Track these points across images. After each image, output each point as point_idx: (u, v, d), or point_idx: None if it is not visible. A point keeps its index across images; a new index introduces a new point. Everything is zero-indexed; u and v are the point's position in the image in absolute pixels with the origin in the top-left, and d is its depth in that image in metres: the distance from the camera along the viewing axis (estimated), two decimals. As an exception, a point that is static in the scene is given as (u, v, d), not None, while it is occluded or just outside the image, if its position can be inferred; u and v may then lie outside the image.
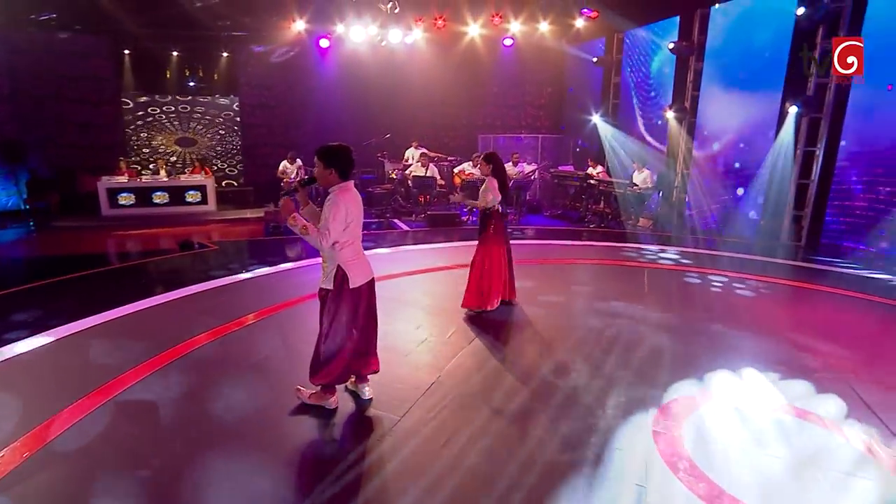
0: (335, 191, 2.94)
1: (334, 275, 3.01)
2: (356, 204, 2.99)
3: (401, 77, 12.55)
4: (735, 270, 6.68)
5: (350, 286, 3.01)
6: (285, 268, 6.64)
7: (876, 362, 4.05)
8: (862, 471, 2.71)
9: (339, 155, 2.94)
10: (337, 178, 2.95)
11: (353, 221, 2.96)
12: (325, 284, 3.07)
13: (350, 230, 2.95)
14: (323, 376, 3.14)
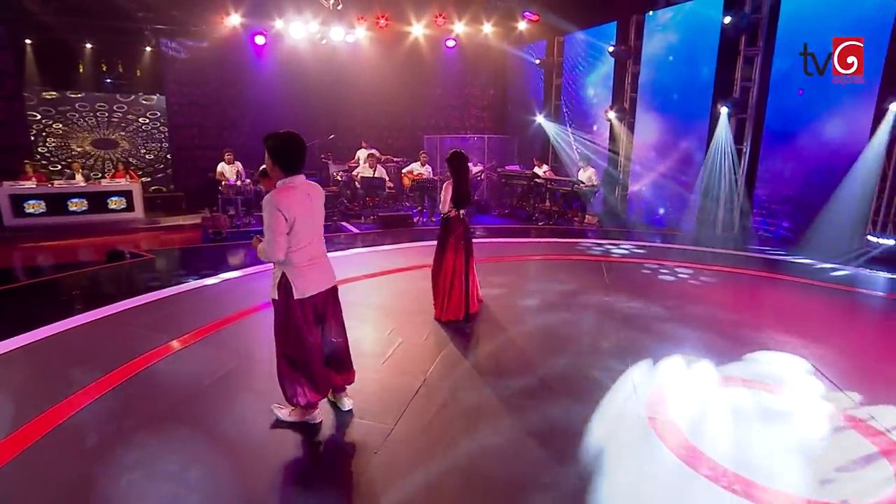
0: (274, 190, 2.58)
1: (278, 283, 2.70)
2: (299, 202, 2.57)
3: (343, 76, 12.19)
4: (684, 261, 7.05)
5: (295, 296, 2.67)
6: (232, 276, 6.17)
7: (823, 338, 4.39)
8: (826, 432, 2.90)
9: (282, 145, 2.58)
10: (280, 172, 2.61)
11: (297, 223, 2.56)
12: (272, 294, 2.77)
13: (295, 234, 2.57)
14: (298, 395, 2.84)
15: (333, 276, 2.90)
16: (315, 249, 2.73)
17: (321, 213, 2.78)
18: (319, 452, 2.79)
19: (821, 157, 7.90)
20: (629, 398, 3.32)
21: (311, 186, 2.72)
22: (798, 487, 2.51)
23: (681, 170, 9.36)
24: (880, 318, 5.40)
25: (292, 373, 2.82)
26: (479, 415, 3.12)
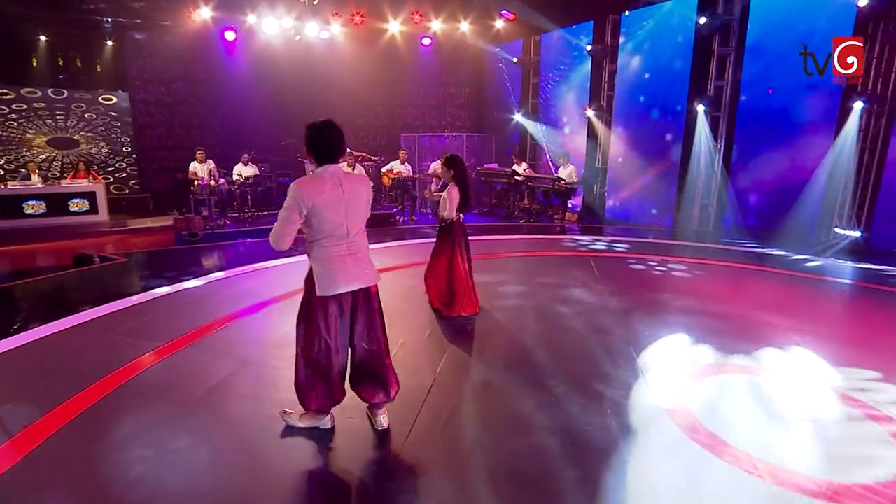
0: (299, 179, 2.48)
1: (306, 276, 2.60)
2: (323, 192, 2.40)
3: (318, 74, 11.89)
4: (668, 255, 7.20)
5: (317, 293, 2.52)
6: (216, 278, 5.88)
7: (810, 324, 4.53)
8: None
9: (314, 134, 2.47)
10: (314, 162, 2.51)
11: (320, 214, 2.41)
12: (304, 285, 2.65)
13: (317, 225, 2.45)
14: (311, 399, 2.69)
15: (370, 275, 2.63)
16: (346, 245, 2.54)
17: (360, 206, 2.56)
18: (338, 462, 2.63)
19: (792, 154, 8.22)
20: (642, 389, 3.32)
21: (348, 177, 2.54)
22: (816, 468, 2.55)
23: (659, 167, 9.56)
24: (856, 304, 5.63)
25: (309, 373, 2.67)
26: (497, 412, 3.05)
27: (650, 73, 9.61)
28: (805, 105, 8.08)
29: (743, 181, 8.79)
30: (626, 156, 10.14)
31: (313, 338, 2.61)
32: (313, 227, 2.47)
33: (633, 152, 9.95)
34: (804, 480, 2.45)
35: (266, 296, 5.10)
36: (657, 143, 9.55)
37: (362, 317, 2.65)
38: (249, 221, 9.83)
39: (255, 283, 5.64)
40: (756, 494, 2.35)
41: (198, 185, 9.03)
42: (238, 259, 6.88)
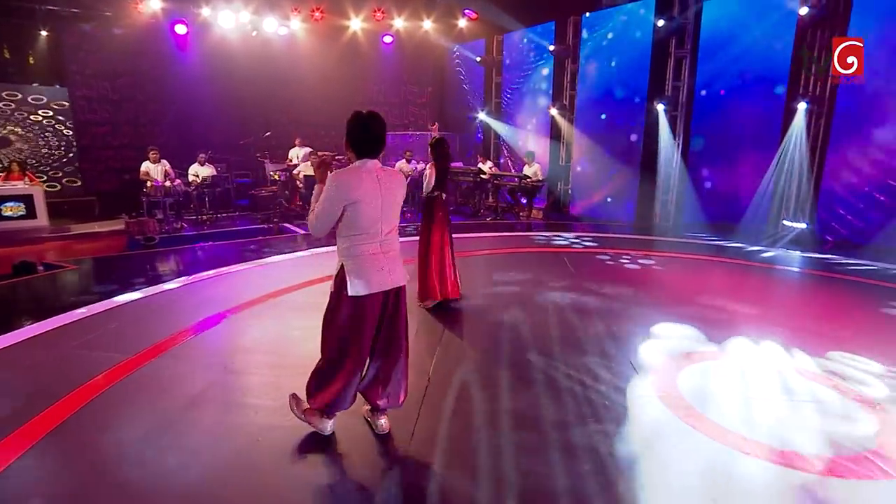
0: (341, 170, 2.37)
1: (336, 273, 2.48)
2: (363, 186, 2.30)
3: (277, 71, 11.51)
4: (634, 248, 7.42)
5: (349, 293, 2.39)
6: (179, 284, 5.54)
7: (773, 309, 4.78)
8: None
9: (355, 126, 2.37)
10: (353, 155, 2.39)
11: (358, 208, 2.31)
12: (331, 285, 2.53)
13: (354, 220, 2.35)
14: (319, 398, 2.57)
15: (402, 275, 2.53)
16: (379, 243, 2.44)
17: (396, 203, 2.48)
18: (350, 469, 2.50)
19: (745, 152, 8.70)
20: (634, 379, 3.38)
21: (386, 173, 2.43)
22: (805, 445, 2.67)
23: (621, 164, 9.87)
24: (811, 289, 5.99)
25: (329, 373, 2.54)
26: (496, 407, 3.01)
27: (611, 73, 9.90)
28: (754, 106, 8.57)
29: (700, 178, 9.21)
30: (590, 154, 10.41)
31: (340, 338, 2.49)
32: (349, 222, 2.36)
33: (596, 150, 10.22)
34: (797, 459, 2.56)
35: (236, 301, 4.85)
36: (619, 141, 9.85)
37: (389, 318, 2.54)
38: (208, 224, 9.36)
39: (223, 288, 5.36)
40: (749, 469, 2.44)
41: (151, 186, 8.50)
42: (201, 263, 6.52)
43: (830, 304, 5.33)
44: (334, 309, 2.48)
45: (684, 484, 2.40)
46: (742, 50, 8.41)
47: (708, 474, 2.45)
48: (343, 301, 2.43)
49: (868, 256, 6.99)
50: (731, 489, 2.35)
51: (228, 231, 8.86)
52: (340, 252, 2.46)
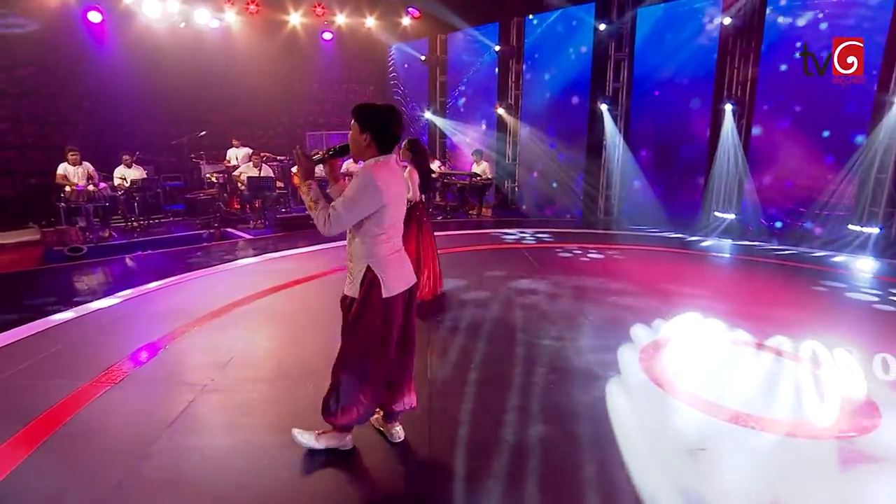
0: (371, 164, 2.23)
1: (362, 278, 2.29)
2: (397, 183, 2.27)
3: (209, 66, 10.75)
4: (588, 243, 7.74)
5: (383, 294, 2.27)
6: (123, 298, 4.99)
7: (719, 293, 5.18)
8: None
9: (379, 116, 2.22)
10: (374, 147, 2.23)
11: (391, 206, 2.23)
12: (349, 291, 2.35)
13: (385, 218, 2.24)
14: (345, 415, 2.38)
15: (413, 271, 2.48)
16: (396, 241, 2.38)
17: (406, 199, 2.50)
18: (382, 484, 2.38)
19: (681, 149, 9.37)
20: (624, 365, 3.52)
21: (401, 171, 2.40)
22: (788, 413, 2.91)
23: (567, 161, 10.26)
24: (751, 273, 6.55)
25: (357, 385, 2.37)
26: (503, 404, 3.00)
27: (555, 73, 10.26)
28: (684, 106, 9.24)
29: (640, 174, 9.79)
30: (536, 151, 10.72)
31: (368, 346, 2.34)
32: (377, 221, 2.22)
33: (542, 148, 10.55)
34: (780, 424, 2.79)
35: (196, 313, 4.47)
36: (564, 139, 10.24)
37: (408, 317, 2.45)
38: (139, 231, 8.57)
39: (178, 300, 4.92)
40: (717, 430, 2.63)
41: (71, 191, 7.62)
42: (143, 274, 5.94)
43: (770, 285, 5.87)
44: (361, 316, 2.30)
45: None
46: (673, 55, 9.05)
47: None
48: (373, 305, 2.29)
49: (788, 242, 7.78)
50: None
51: (166, 238, 8.16)
52: (361, 254, 2.29)
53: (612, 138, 9.49)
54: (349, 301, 2.36)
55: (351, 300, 2.34)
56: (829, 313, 4.88)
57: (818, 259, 6.95)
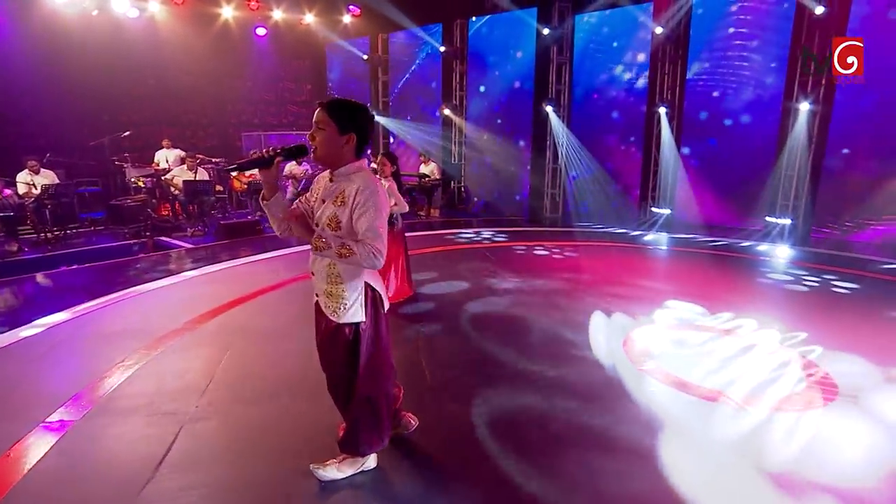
0: (363, 175, 1.99)
1: (364, 299, 2.09)
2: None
3: (129, 60, 9.82)
4: (541, 240, 7.99)
5: (385, 309, 2.19)
6: (51, 323, 4.41)
7: (673, 282, 5.57)
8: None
9: (364, 115, 1.99)
10: (352, 150, 1.99)
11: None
12: (352, 317, 2.08)
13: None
14: (372, 446, 2.27)
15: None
16: None
17: None
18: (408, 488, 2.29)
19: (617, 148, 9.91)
20: (611, 357, 3.67)
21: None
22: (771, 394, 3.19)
23: (512, 161, 10.51)
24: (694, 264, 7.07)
25: (377, 415, 2.23)
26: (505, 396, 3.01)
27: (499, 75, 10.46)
28: (623, 109, 9.81)
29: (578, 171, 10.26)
30: (482, 151, 10.88)
31: (382, 369, 2.21)
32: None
33: (488, 148, 10.73)
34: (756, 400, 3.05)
35: (155, 332, 4.07)
36: (510, 139, 10.48)
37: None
38: (54, 243, 7.63)
39: (130, 319, 4.46)
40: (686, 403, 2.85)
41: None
42: (74, 292, 5.27)
43: (717, 273, 6.38)
44: (374, 337, 2.15)
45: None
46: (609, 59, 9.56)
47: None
48: (381, 322, 2.18)
49: (717, 234, 8.52)
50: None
51: (91, 251, 7.34)
52: (356, 273, 2.05)
53: (558, 138, 9.85)
54: (350, 330, 2.10)
55: (353, 327, 2.10)
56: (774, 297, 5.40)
57: (745, 248, 7.68)
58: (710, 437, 2.76)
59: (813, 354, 3.76)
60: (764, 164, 8.48)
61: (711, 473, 2.46)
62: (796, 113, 7.97)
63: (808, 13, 7.69)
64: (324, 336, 2.17)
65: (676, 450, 2.60)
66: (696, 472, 2.45)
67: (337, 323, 2.09)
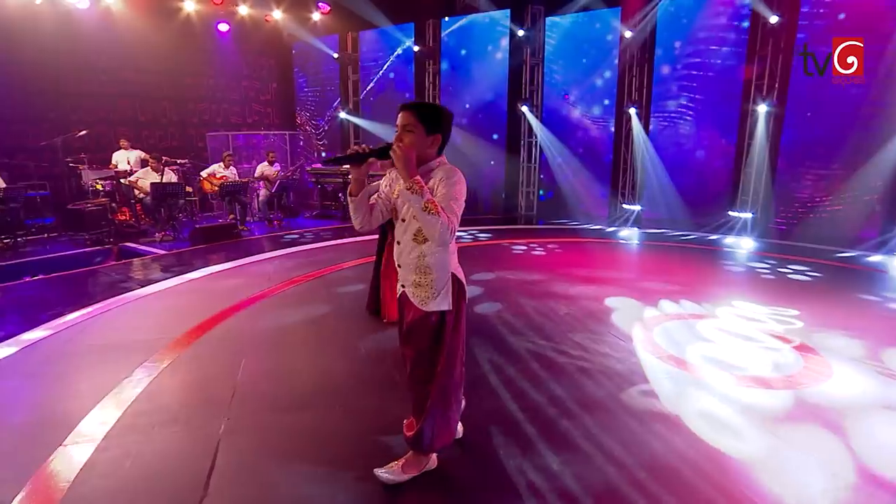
0: (445, 167, 2.10)
1: (450, 288, 2.15)
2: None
3: (81, 54, 9.15)
4: (523, 238, 8.15)
5: (467, 297, 2.26)
6: (26, 342, 4.07)
7: (653, 274, 5.85)
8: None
9: (448, 117, 2.13)
10: (436, 151, 2.13)
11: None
12: (439, 306, 2.14)
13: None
14: (440, 439, 2.26)
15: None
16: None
17: None
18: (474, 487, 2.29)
19: (587, 146, 10.25)
20: (618, 344, 3.83)
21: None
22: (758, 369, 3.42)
23: (487, 160, 10.63)
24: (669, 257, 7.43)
25: (451, 405, 2.25)
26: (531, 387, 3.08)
27: (473, 75, 10.56)
28: (594, 109, 10.15)
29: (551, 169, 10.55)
30: (458, 150, 10.92)
31: (461, 358, 2.27)
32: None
33: (463, 147, 10.79)
34: (751, 379, 3.27)
35: (158, 344, 3.84)
36: (484, 138, 10.61)
37: None
38: (4, 253, 7.03)
39: (127, 330, 4.19)
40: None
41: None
42: (44, 304, 4.87)
43: (690, 264, 6.74)
44: (456, 325, 2.20)
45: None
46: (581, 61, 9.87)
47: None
48: (463, 312, 2.23)
49: (684, 228, 8.99)
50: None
51: (50, 260, 6.82)
52: (442, 263, 2.14)
53: (533, 137, 10.07)
54: (436, 319, 2.16)
55: (440, 316, 2.16)
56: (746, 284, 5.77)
57: (714, 241, 8.16)
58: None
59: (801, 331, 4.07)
60: (726, 163, 9.03)
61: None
62: (755, 114, 8.53)
63: (762, 22, 8.28)
64: (410, 324, 2.21)
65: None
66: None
67: (425, 311, 2.15)
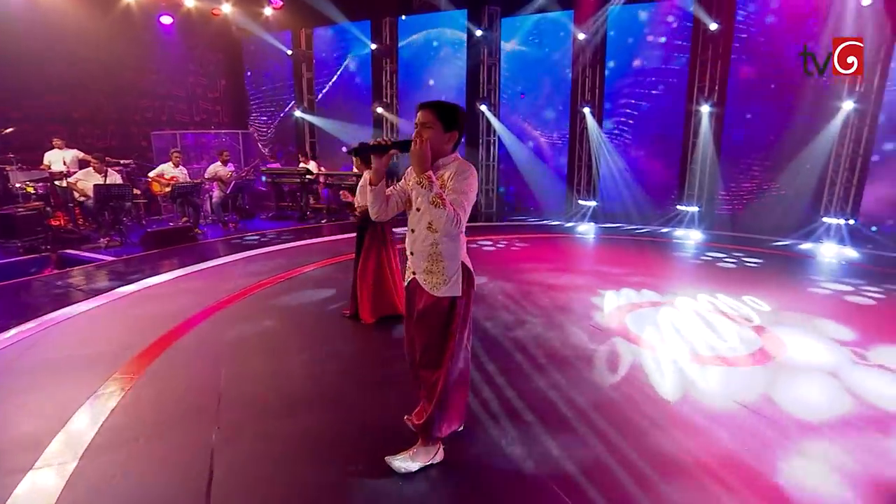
0: (458, 162, 2.18)
1: (460, 275, 2.23)
2: None
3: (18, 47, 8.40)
4: (486, 235, 8.28)
5: (475, 285, 2.33)
6: None
7: (624, 266, 6.14)
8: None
9: (463, 115, 2.22)
10: (452, 147, 2.20)
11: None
12: (450, 291, 2.21)
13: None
14: (449, 424, 2.35)
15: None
16: None
17: None
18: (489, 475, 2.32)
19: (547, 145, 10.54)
20: (603, 334, 3.98)
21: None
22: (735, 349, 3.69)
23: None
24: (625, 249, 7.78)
25: (461, 389, 2.36)
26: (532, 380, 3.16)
27: (433, 73, 10.58)
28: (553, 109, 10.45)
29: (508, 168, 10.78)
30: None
31: (465, 343, 2.32)
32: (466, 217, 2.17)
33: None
34: (726, 360, 3.53)
35: (124, 354, 3.61)
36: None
37: None
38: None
39: (86, 342, 3.89)
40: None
41: None
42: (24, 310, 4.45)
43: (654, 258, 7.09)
44: (465, 312, 2.27)
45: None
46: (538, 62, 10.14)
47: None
48: (470, 299, 2.30)
49: (638, 222, 9.45)
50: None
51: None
52: (453, 252, 2.21)
53: (490, 136, 10.23)
54: (447, 303, 2.23)
55: (451, 301, 2.23)
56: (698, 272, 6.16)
57: (665, 234, 8.63)
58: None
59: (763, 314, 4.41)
60: (674, 160, 9.57)
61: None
62: (699, 114, 9.09)
63: (703, 28, 8.84)
64: (422, 310, 2.26)
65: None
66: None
67: (436, 297, 2.22)
